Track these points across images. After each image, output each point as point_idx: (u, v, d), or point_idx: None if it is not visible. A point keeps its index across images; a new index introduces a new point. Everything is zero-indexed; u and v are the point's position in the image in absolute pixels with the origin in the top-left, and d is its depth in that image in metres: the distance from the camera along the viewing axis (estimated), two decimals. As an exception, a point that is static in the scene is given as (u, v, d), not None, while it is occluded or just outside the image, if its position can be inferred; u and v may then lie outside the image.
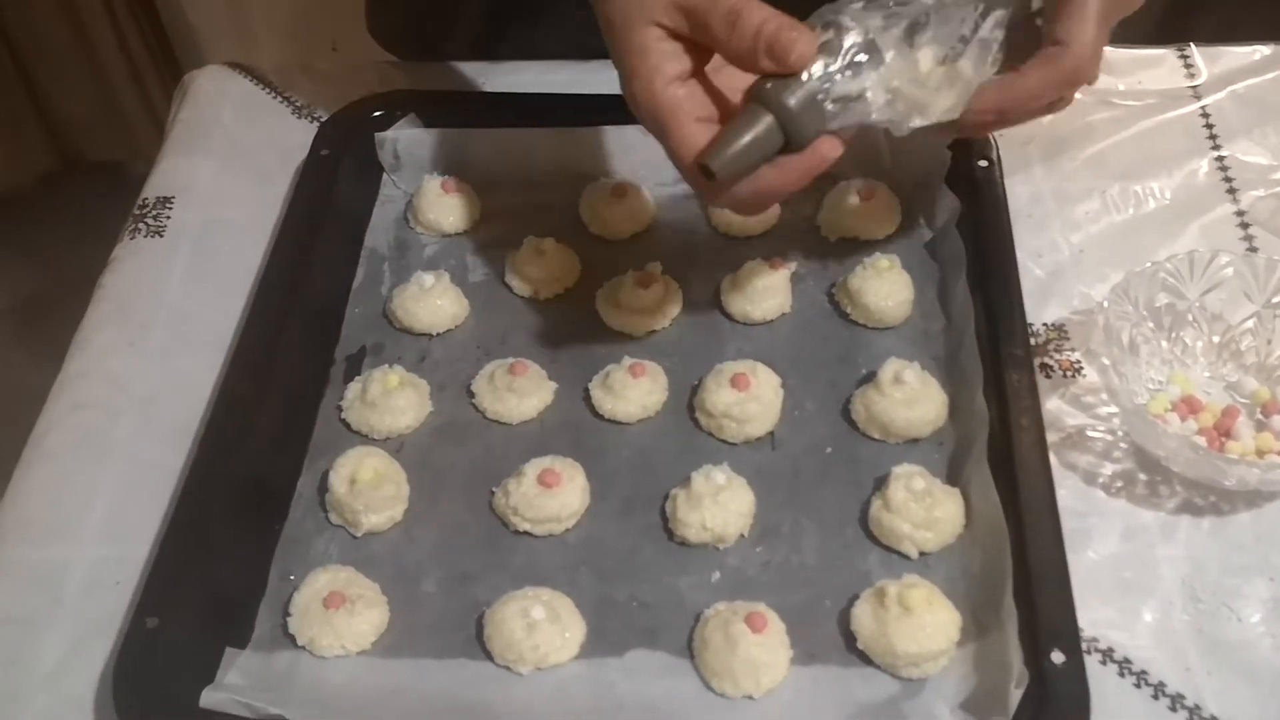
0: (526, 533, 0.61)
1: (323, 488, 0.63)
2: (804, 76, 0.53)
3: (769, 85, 0.54)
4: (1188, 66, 0.85)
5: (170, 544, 0.59)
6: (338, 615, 0.57)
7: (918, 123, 0.57)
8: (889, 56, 0.55)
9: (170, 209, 0.81)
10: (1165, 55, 0.86)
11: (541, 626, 0.56)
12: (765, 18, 0.53)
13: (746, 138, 0.53)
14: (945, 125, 0.59)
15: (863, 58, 0.54)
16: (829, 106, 0.54)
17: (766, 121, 0.53)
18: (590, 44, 0.60)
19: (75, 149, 2.07)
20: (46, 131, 2.04)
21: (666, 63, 0.55)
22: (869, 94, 0.54)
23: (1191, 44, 0.86)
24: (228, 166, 0.84)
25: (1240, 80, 0.84)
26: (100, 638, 0.59)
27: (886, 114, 0.56)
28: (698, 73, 0.57)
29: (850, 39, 0.54)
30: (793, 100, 0.53)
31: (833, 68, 0.54)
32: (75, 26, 1.86)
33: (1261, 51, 0.85)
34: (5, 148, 1.99)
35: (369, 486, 0.61)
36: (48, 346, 0.76)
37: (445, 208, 0.76)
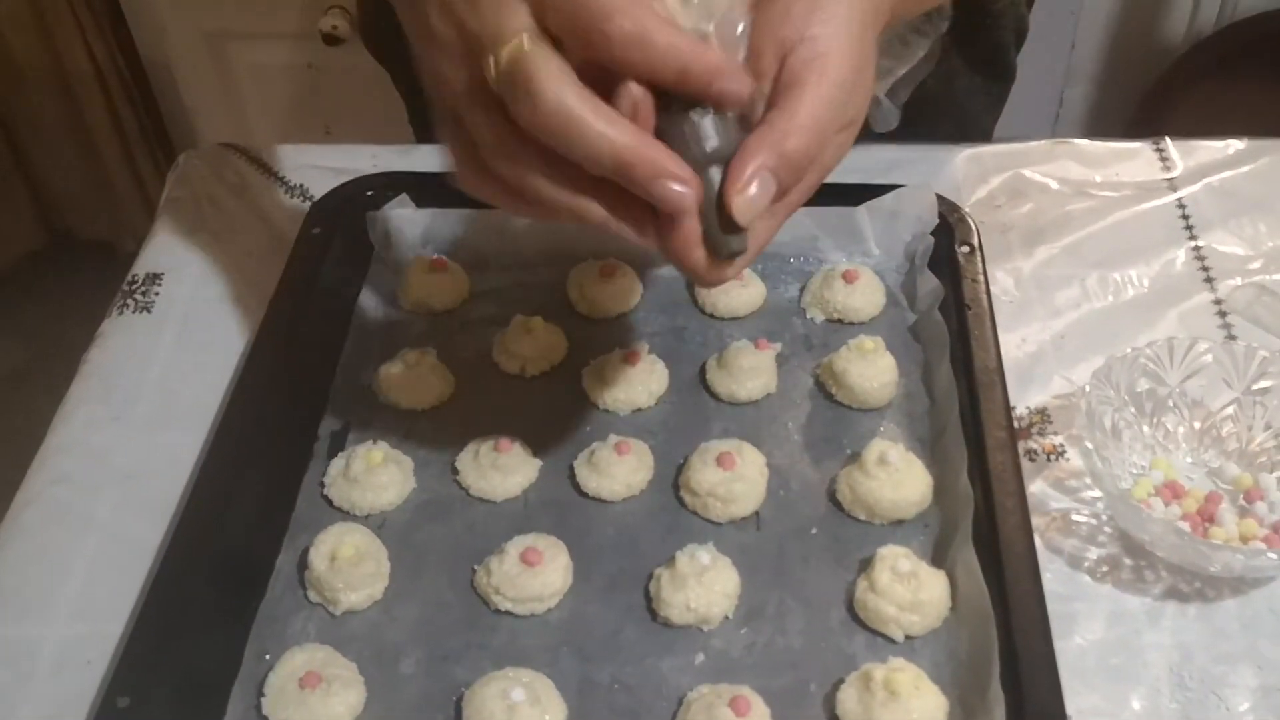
0: (508, 612, 0.60)
1: (302, 565, 0.62)
2: None
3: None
4: (1163, 159, 0.87)
5: (145, 622, 0.57)
6: (313, 696, 0.55)
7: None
8: None
9: (160, 285, 0.81)
10: (1141, 148, 0.88)
11: (521, 709, 0.54)
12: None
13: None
14: None
15: None
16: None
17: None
18: None
19: (65, 227, 2.09)
20: (37, 209, 2.06)
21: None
22: None
23: (1166, 138, 0.88)
24: (219, 244, 0.84)
25: (1214, 173, 0.86)
26: (70, 717, 0.57)
27: None
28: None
29: None
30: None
31: None
32: (69, 105, 1.89)
33: (1235, 145, 0.87)
34: (-5, 223, 2.01)
35: (349, 564, 0.60)
36: (26, 423, 0.76)
37: (434, 286, 0.77)
